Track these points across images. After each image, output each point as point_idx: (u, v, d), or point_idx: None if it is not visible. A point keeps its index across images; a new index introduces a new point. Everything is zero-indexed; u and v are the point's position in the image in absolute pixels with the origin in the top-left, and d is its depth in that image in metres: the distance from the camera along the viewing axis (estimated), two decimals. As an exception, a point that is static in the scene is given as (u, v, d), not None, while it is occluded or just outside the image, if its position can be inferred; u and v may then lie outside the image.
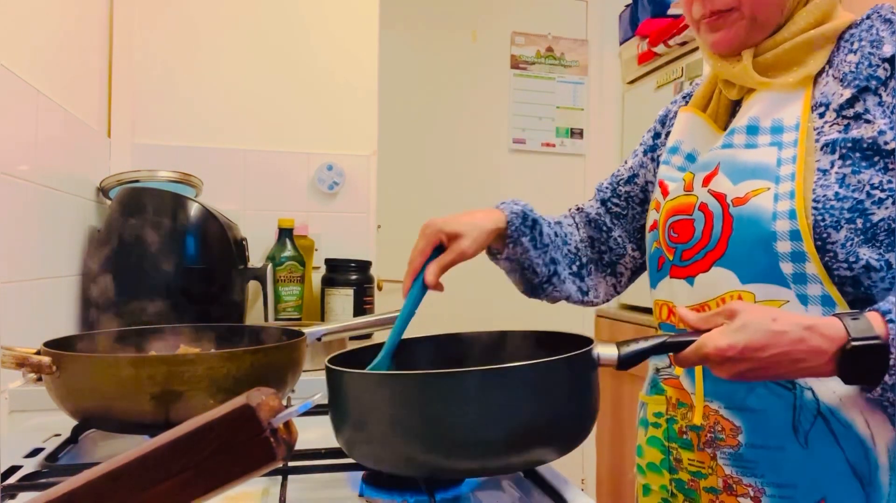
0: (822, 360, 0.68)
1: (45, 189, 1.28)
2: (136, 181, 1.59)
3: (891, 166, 0.75)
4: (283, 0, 1.92)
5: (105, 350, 0.98)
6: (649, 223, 0.95)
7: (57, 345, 0.86)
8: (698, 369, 0.84)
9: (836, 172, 0.76)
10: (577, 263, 1.04)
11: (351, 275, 1.80)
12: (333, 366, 0.71)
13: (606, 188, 1.10)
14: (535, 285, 0.99)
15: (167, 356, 0.93)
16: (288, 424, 0.44)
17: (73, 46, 1.54)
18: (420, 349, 0.90)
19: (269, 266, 1.65)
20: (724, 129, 0.89)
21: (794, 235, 0.75)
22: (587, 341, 0.73)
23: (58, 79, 1.39)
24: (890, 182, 0.75)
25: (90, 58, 1.66)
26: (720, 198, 0.81)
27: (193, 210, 1.50)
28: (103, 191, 1.62)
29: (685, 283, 0.85)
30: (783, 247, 0.75)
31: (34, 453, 0.89)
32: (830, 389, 0.75)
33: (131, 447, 0.43)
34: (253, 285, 1.66)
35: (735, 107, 0.90)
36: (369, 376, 0.73)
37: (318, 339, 1.11)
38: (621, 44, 3.14)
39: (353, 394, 0.69)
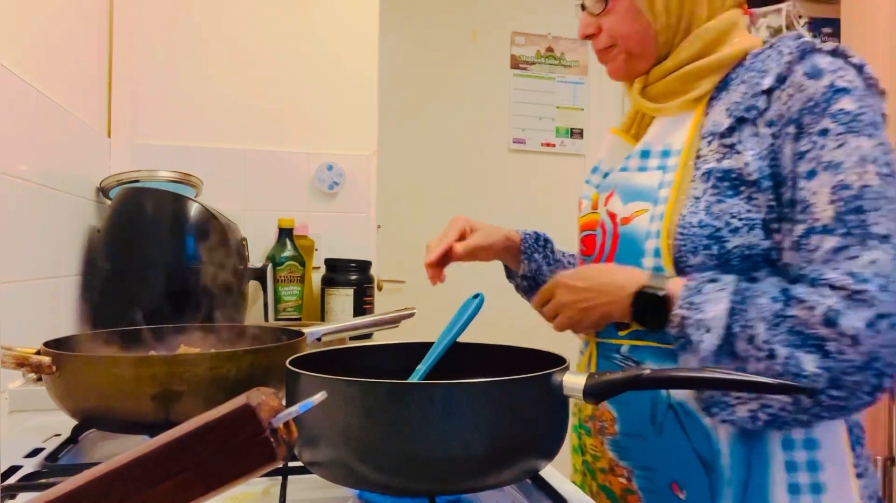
0: (621, 294, 0.81)
1: (45, 189, 1.28)
2: (136, 181, 1.59)
3: (754, 196, 0.78)
4: (283, 1, 1.92)
5: (105, 350, 0.98)
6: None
7: (57, 345, 0.86)
8: (589, 361, 0.94)
9: (706, 200, 0.80)
10: None
11: (351, 275, 1.80)
12: (293, 368, 0.70)
13: None
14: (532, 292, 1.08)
15: (168, 356, 0.93)
16: (288, 424, 0.44)
17: (73, 46, 1.54)
18: (399, 354, 0.88)
19: (269, 266, 1.65)
20: None
21: (657, 253, 0.83)
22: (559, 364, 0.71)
23: (58, 79, 1.39)
24: (749, 212, 0.78)
25: (90, 58, 1.66)
26: (612, 217, 0.89)
27: (193, 210, 1.50)
28: (103, 191, 1.62)
29: None
30: (648, 262, 0.84)
31: (34, 453, 0.89)
32: None
33: (131, 447, 0.43)
34: (253, 285, 1.66)
35: None
36: (323, 381, 0.69)
37: (319, 339, 1.11)
38: (621, 44, 3.15)
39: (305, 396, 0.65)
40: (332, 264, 1.82)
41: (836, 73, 0.76)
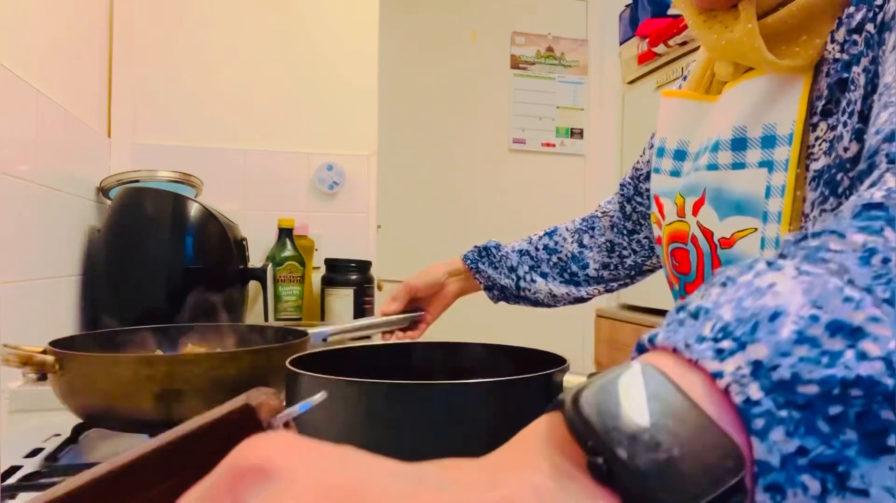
0: None
1: (45, 189, 1.28)
2: (136, 181, 1.59)
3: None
4: (283, 1, 1.92)
5: (109, 349, 0.98)
6: (655, 235, 0.86)
7: (61, 345, 0.86)
8: None
9: (813, 217, 0.57)
10: (568, 272, 1.08)
11: (351, 275, 1.80)
12: (293, 368, 0.70)
13: (629, 183, 1.00)
14: (507, 297, 1.11)
15: (172, 356, 0.93)
16: (288, 424, 0.44)
17: (73, 46, 1.54)
18: (399, 354, 0.88)
19: (269, 266, 1.65)
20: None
21: None
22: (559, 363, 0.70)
23: (58, 79, 1.39)
24: None
25: (90, 58, 1.66)
26: (708, 235, 0.71)
27: (193, 210, 1.50)
28: (103, 191, 1.62)
29: None
30: None
31: (34, 453, 0.89)
32: None
33: (131, 447, 0.43)
34: (253, 285, 1.66)
35: None
36: (323, 381, 0.67)
37: (324, 340, 1.11)
38: (621, 44, 3.15)
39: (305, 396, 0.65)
40: (332, 264, 1.82)
41: None
